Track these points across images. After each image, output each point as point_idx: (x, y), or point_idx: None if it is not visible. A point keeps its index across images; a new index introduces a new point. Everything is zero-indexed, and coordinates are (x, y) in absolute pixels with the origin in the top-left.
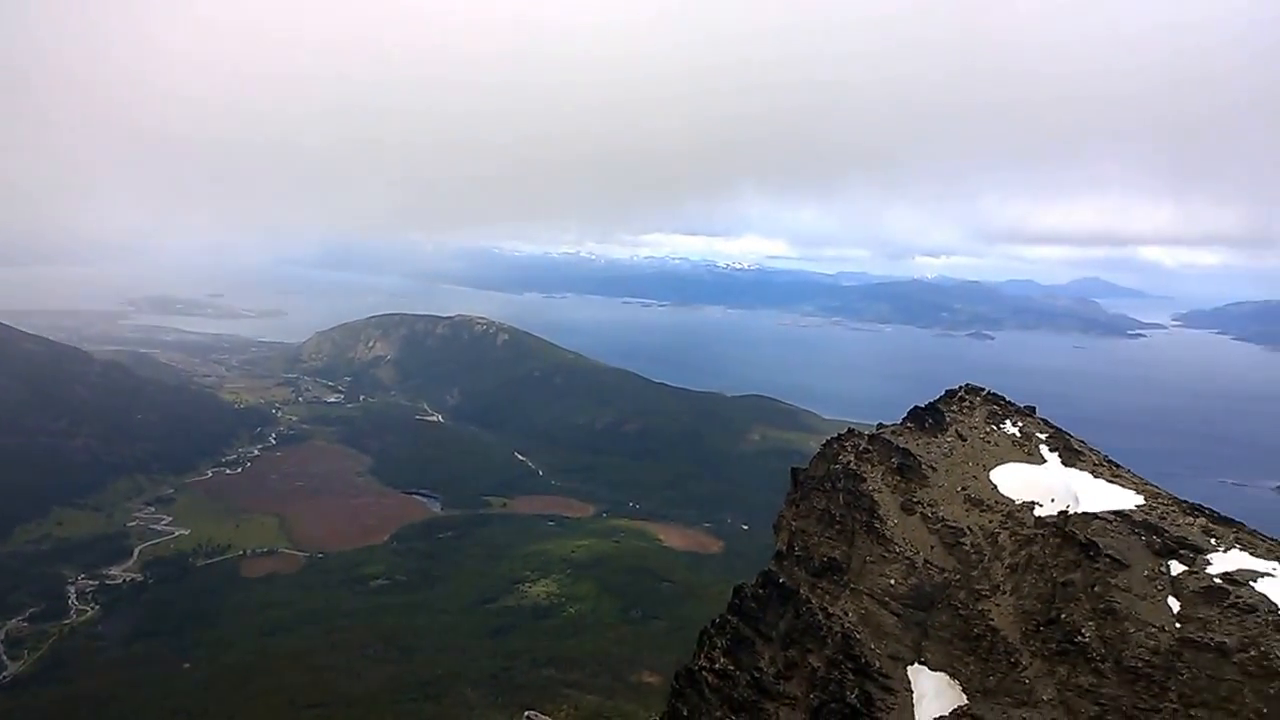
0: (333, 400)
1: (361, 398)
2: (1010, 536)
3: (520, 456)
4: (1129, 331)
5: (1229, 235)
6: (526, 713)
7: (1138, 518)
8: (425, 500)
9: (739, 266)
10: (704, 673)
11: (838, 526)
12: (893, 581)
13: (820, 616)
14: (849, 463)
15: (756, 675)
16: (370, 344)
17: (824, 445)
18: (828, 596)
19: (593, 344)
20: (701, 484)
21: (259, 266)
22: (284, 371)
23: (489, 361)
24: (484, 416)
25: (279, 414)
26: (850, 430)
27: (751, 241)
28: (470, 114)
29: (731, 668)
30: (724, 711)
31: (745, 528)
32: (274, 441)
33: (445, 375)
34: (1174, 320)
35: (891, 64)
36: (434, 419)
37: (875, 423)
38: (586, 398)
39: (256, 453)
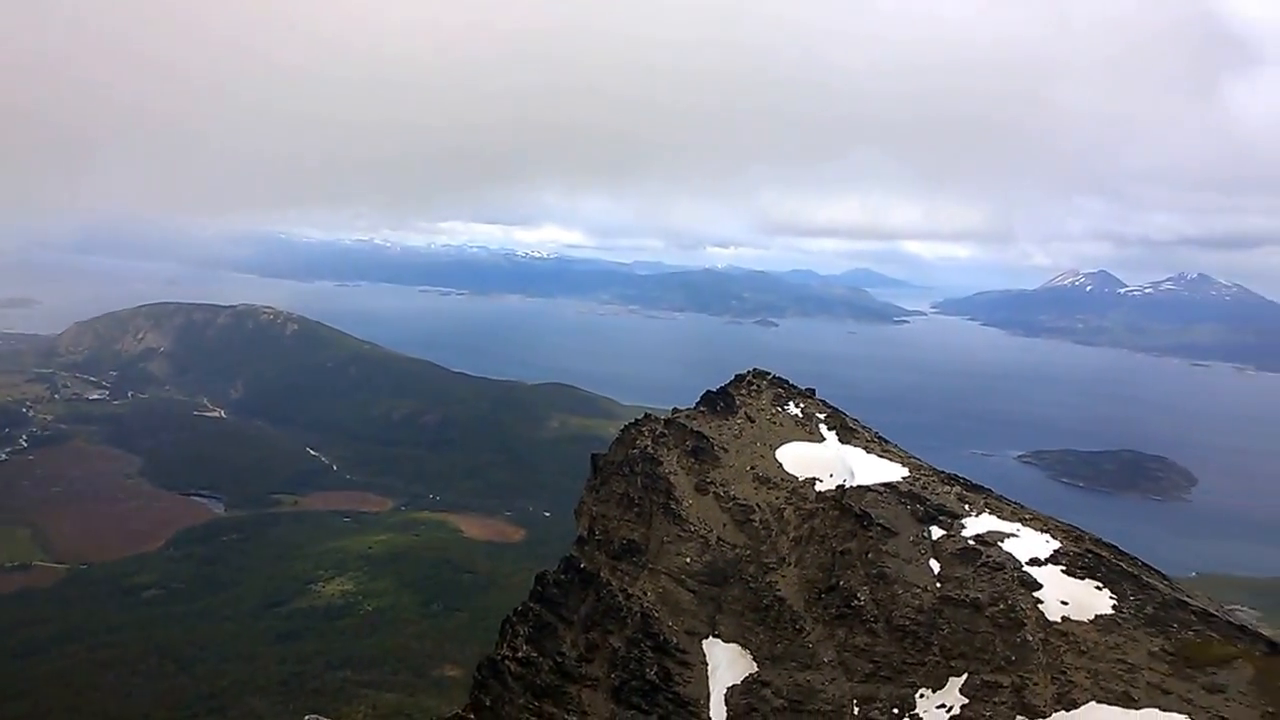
0: (96, 397)
1: (130, 394)
2: (794, 511)
3: (312, 451)
4: (895, 318)
5: (977, 231)
6: (307, 717)
7: (904, 488)
8: (205, 501)
9: (538, 255)
10: (507, 661)
11: (636, 509)
12: (689, 560)
13: (620, 598)
14: (646, 447)
15: (559, 660)
16: (140, 335)
17: (622, 431)
18: (627, 578)
19: (389, 333)
20: (502, 473)
21: (1, 250)
22: (36, 366)
23: (277, 353)
24: (272, 411)
25: (31, 413)
26: (647, 415)
27: (550, 231)
28: (251, 88)
29: (534, 655)
30: (527, 699)
31: (547, 515)
32: (25, 444)
33: (228, 368)
34: (933, 308)
35: (678, 63)
36: (215, 414)
37: (671, 407)
38: (383, 389)
39: (4, 457)
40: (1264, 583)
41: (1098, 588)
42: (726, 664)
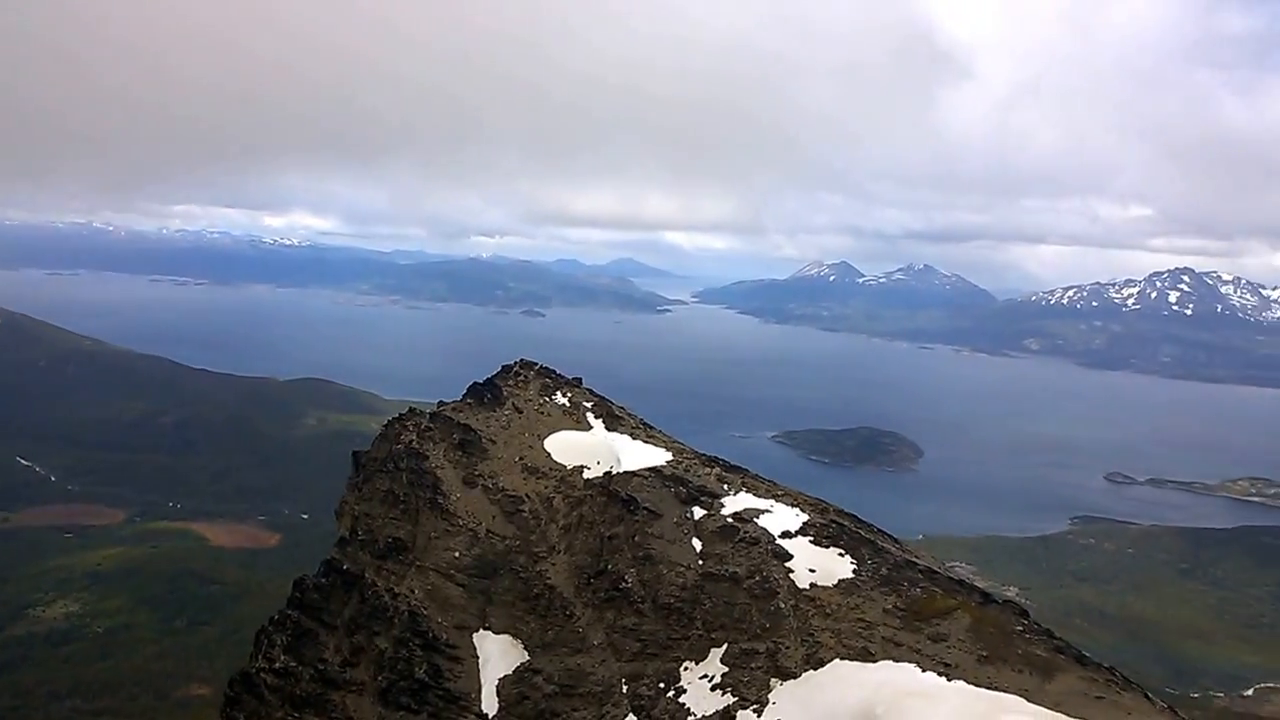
0: None
1: None
2: (563, 499)
3: (24, 461)
4: (658, 307)
5: (731, 223)
6: None
7: (668, 472)
8: None
9: (288, 243)
10: (262, 674)
11: (402, 506)
12: (457, 554)
13: (386, 598)
14: (411, 442)
15: (320, 668)
16: None
17: (386, 426)
18: (393, 577)
19: (116, 328)
20: (253, 475)
21: None
22: None
23: None
24: None
25: None
26: (412, 409)
27: (301, 216)
28: None
29: (294, 664)
30: (285, 711)
31: (305, 517)
32: None
33: None
34: (693, 297)
35: (433, 41)
36: None
37: (437, 401)
38: (111, 389)
39: None
40: (979, 540)
41: (840, 554)
42: (498, 655)
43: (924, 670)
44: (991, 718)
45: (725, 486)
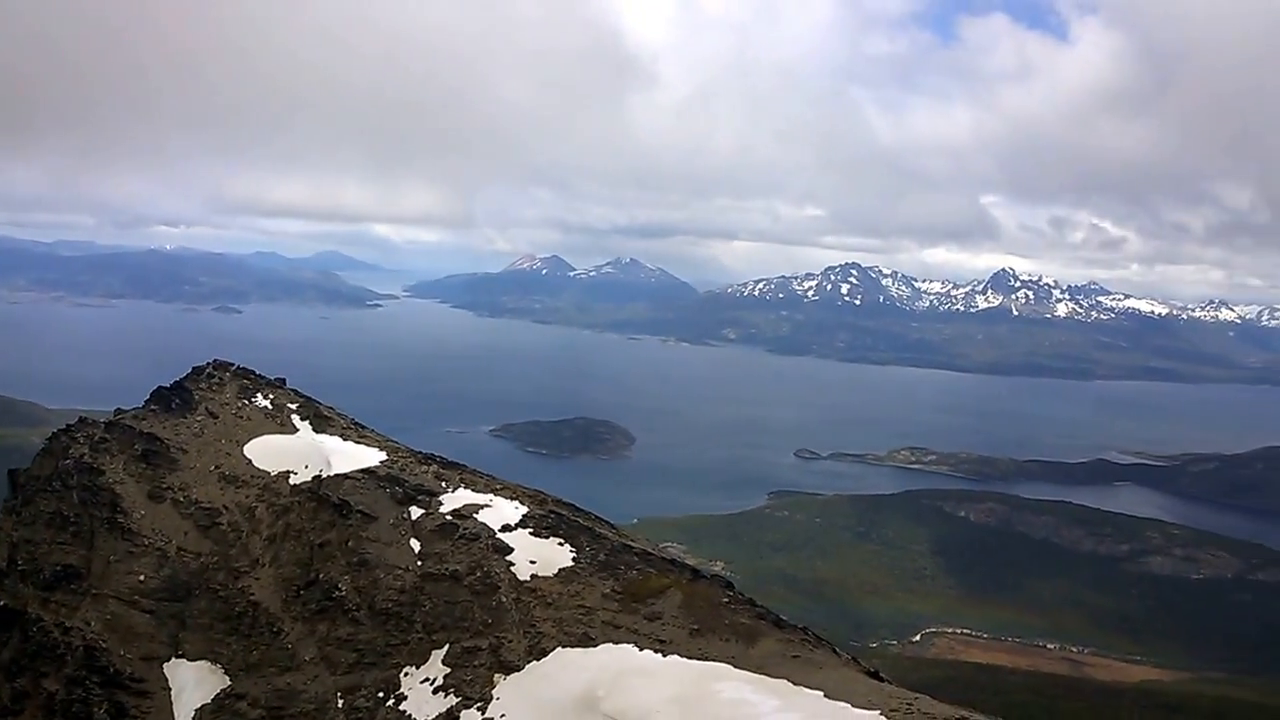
0: None
1: None
2: (268, 508)
3: None
4: (368, 302)
5: (439, 216)
6: None
7: (382, 472)
8: None
9: None
10: None
11: (73, 529)
12: (143, 577)
13: (56, 634)
14: (82, 456)
15: None
16: None
17: (50, 439)
18: (64, 609)
19: None
20: None
21: None
22: None
23: None
24: None
25: None
26: (82, 419)
27: None
28: None
29: None
30: None
31: None
32: None
33: None
34: (405, 291)
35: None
36: None
37: (114, 408)
38: None
39: None
40: (689, 520)
41: (560, 544)
42: (195, 684)
43: (641, 649)
44: (704, 685)
45: (443, 484)
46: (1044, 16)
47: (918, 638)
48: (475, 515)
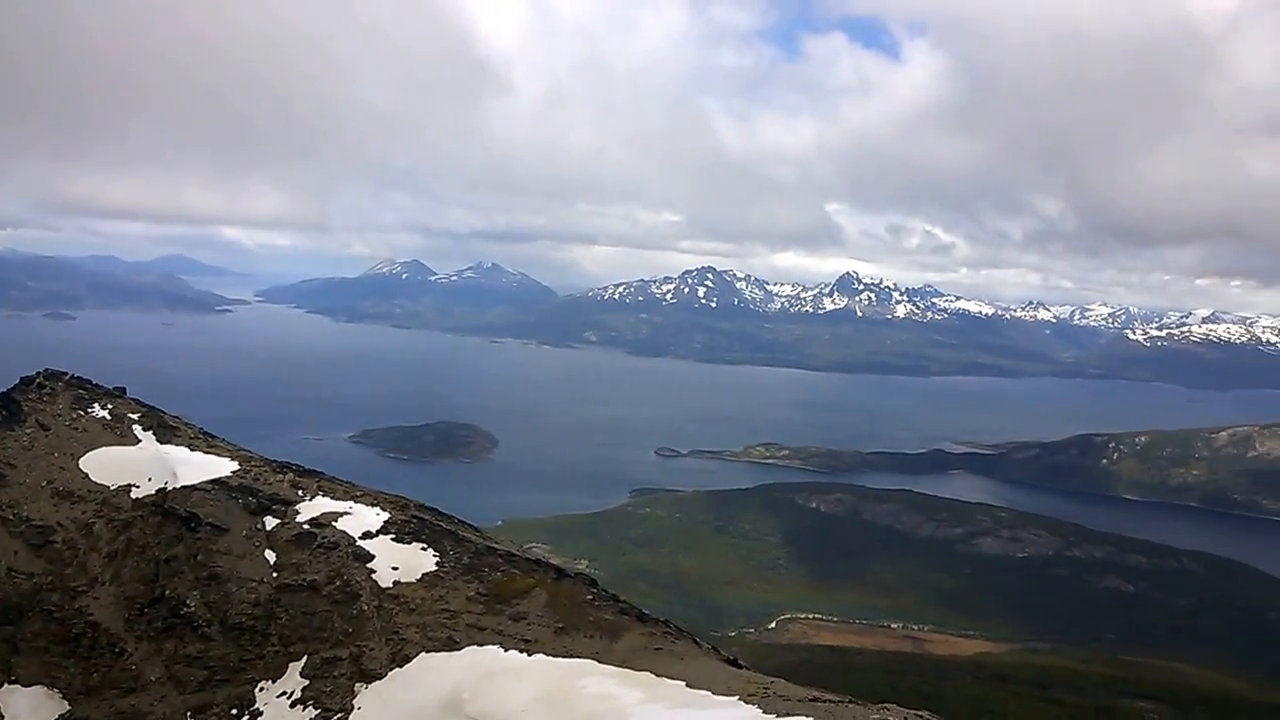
0: None
1: None
2: (107, 524)
3: None
4: (217, 307)
5: (293, 219)
6: None
7: (234, 482)
8: None
9: None
10: None
11: None
12: None
13: None
14: None
15: None
16: None
17: None
18: None
19: None
20: None
21: None
22: None
23: None
24: None
25: None
26: None
27: None
28: None
29: None
30: None
31: None
32: None
33: None
34: (256, 296)
35: None
36: None
37: None
38: None
39: None
40: (552, 520)
41: (423, 549)
42: (30, 710)
43: (507, 649)
44: (569, 683)
45: (300, 492)
46: (879, 36)
47: (773, 625)
48: (334, 523)
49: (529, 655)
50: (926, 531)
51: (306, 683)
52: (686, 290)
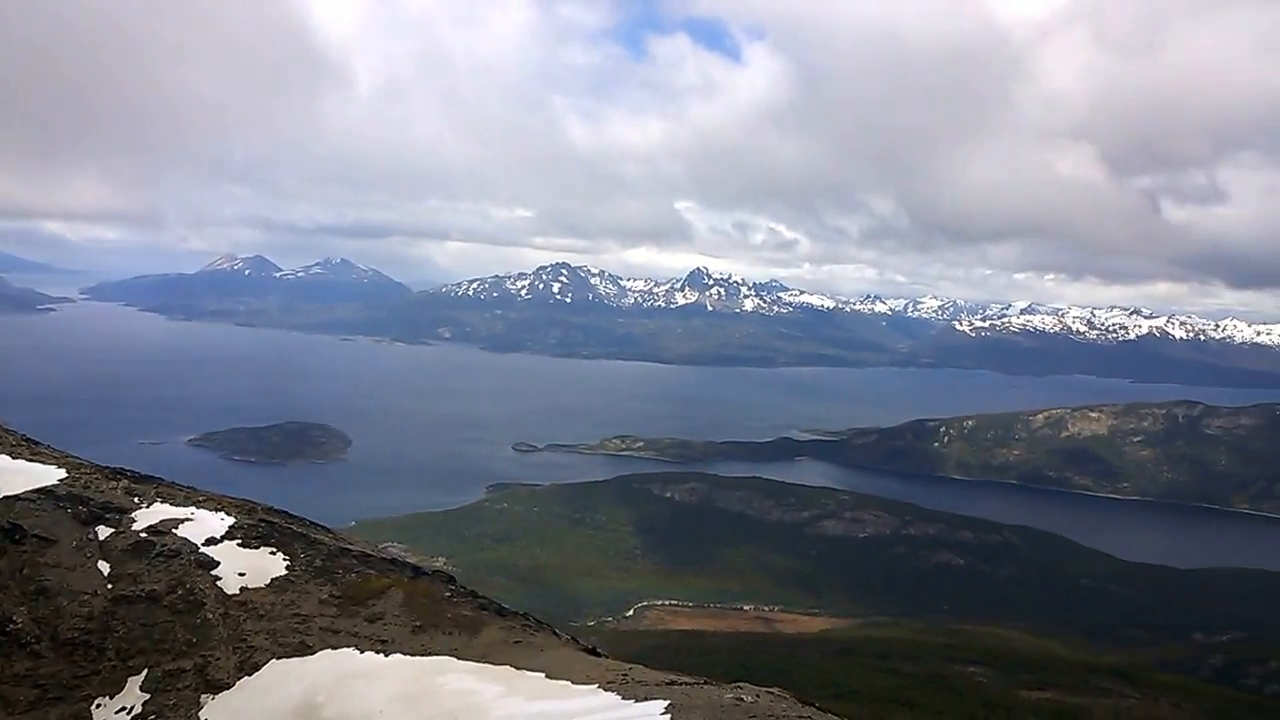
0: None
1: None
2: None
3: None
4: (39, 306)
5: (122, 213)
6: None
7: (62, 491)
8: None
9: None
10: None
11: None
12: None
13: None
14: None
15: None
16: None
17: None
18: None
19: None
20: None
21: None
22: None
23: None
24: None
25: None
26: None
27: None
28: None
29: None
30: None
31: None
32: None
33: None
34: (82, 293)
35: None
36: None
37: None
38: None
39: None
40: (408, 519)
41: (272, 553)
42: None
43: (363, 651)
44: (427, 680)
45: (136, 499)
46: (720, 39)
47: (630, 612)
48: (174, 530)
49: (386, 655)
50: (775, 516)
51: (147, 697)
52: (541, 286)
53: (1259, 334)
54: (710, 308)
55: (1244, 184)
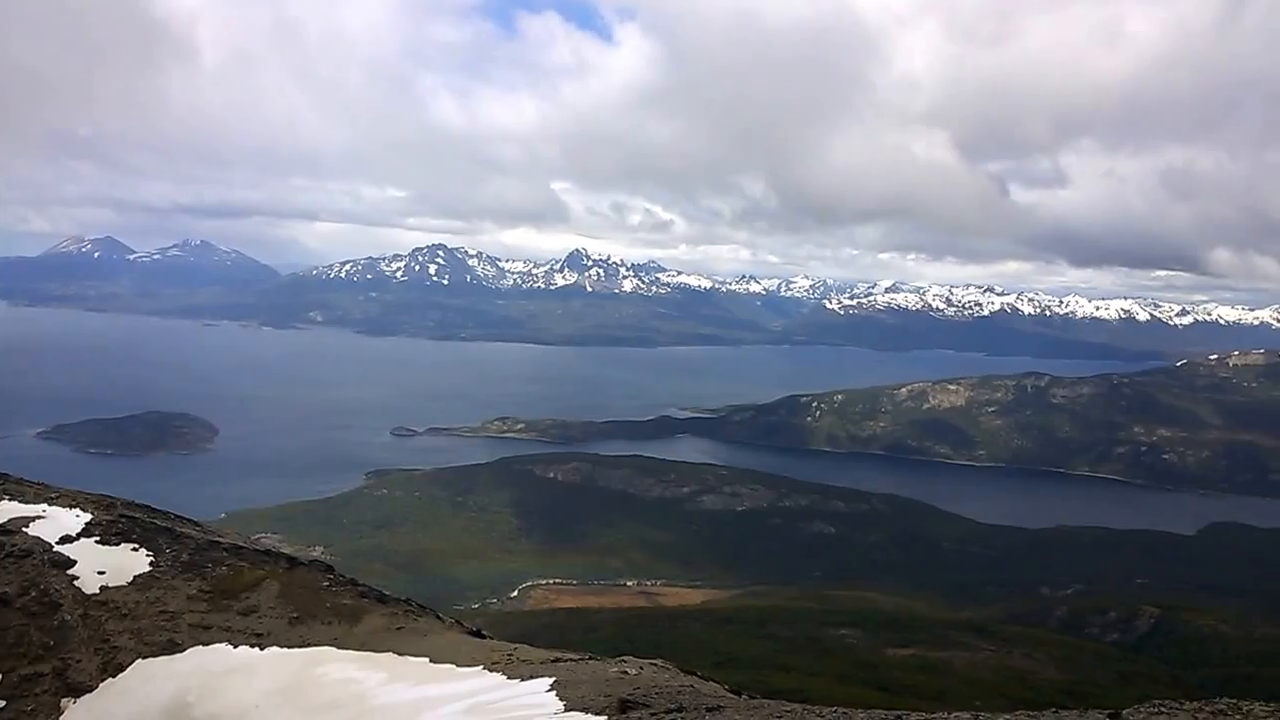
0: None
1: None
2: None
3: None
4: None
5: None
6: None
7: None
8: None
9: None
10: None
11: None
12: None
13: None
14: None
15: None
16: None
17: None
18: None
19: None
20: None
21: None
22: None
23: None
24: None
25: None
26: None
27: None
28: None
29: None
30: None
31: None
32: None
33: None
34: None
35: None
36: None
37: None
38: None
39: None
40: (282, 508)
41: (134, 549)
42: None
43: (236, 646)
44: (307, 672)
45: None
46: (591, 19)
47: (515, 593)
48: (25, 529)
49: (262, 649)
50: (656, 493)
51: (4, 703)
52: (417, 268)
53: (1098, 309)
54: (589, 289)
55: (1084, 168)
